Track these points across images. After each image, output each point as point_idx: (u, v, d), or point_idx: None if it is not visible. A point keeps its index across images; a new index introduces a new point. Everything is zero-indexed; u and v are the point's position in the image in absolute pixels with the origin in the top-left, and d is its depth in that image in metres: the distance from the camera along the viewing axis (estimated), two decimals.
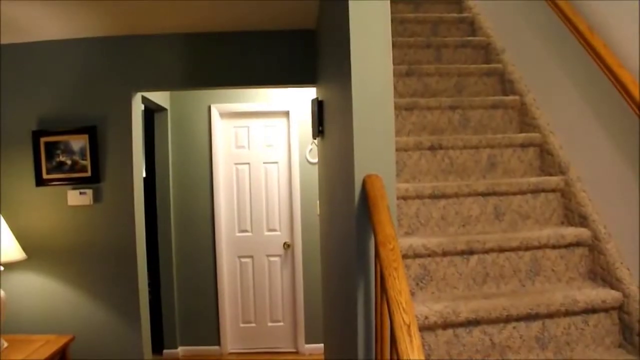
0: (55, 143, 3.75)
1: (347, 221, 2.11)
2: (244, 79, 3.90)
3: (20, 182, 3.76)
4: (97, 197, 3.78)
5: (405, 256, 2.33)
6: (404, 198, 2.57)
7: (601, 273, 2.40)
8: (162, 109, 5.01)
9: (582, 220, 2.54)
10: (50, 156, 3.75)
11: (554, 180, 2.69)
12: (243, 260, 5.21)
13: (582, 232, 2.46)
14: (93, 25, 3.55)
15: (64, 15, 3.30)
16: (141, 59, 3.84)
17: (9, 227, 3.57)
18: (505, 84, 3.37)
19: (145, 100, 4.33)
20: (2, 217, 3.42)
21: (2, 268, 3.33)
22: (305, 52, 3.91)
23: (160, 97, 4.75)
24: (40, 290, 3.77)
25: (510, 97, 3.16)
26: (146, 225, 4.10)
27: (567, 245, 2.46)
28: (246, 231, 5.21)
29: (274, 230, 5.22)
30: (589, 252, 2.48)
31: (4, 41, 3.72)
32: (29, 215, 3.77)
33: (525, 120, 3.12)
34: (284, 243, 5.19)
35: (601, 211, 2.47)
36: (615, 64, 2.28)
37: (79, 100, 3.80)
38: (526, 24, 3.21)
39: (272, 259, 5.21)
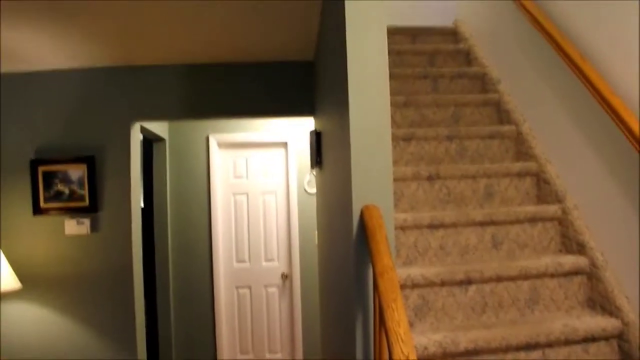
0: (54, 172, 3.75)
1: (345, 251, 2.11)
2: (243, 109, 3.93)
3: (18, 211, 3.76)
4: (94, 227, 3.78)
5: (403, 286, 2.33)
6: (402, 228, 2.57)
7: (600, 301, 2.39)
8: (160, 139, 5.03)
9: (580, 248, 2.55)
10: (48, 185, 3.75)
11: (551, 209, 2.70)
12: (241, 290, 5.18)
13: (580, 260, 2.46)
14: (92, 55, 3.59)
15: (63, 46, 3.33)
16: (140, 89, 3.87)
17: (6, 256, 3.57)
18: (502, 113, 3.40)
19: (143, 130, 4.35)
20: None
21: None
22: (303, 84, 3.95)
23: (158, 127, 4.78)
24: (36, 320, 3.73)
25: (507, 127, 3.19)
26: (144, 256, 4.09)
27: (566, 274, 2.46)
28: (244, 261, 5.19)
29: (272, 260, 5.20)
30: (588, 280, 2.47)
31: (3, 70, 3.75)
32: (26, 244, 3.75)
33: (521, 149, 3.14)
34: (282, 274, 5.16)
35: (599, 239, 2.47)
36: (608, 91, 2.30)
37: (77, 130, 3.82)
38: (521, 54, 3.25)
39: (270, 289, 5.18)
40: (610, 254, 2.39)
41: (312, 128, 4.67)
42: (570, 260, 2.46)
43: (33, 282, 3.72)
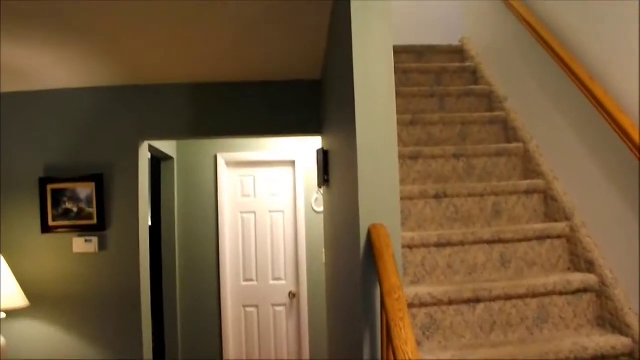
0: (62, 190, 3.78)
1: (352, 270, 2.11)
2: (250, 128, 3.95)
3: (26, 229, 3.78)
4: (102, 245, 3.79)
5: (411, 305, 2.31)
6: (410, 247, 2.56)
7: (610, 319, 2.37)
8: (168, 158, 5.05)
9: (589, 266, 2.53)
10: (56, 203, 3.77)
11: (559, 227, 2.69)
12: (248, 309, 5.16)
13: (589, 278, 2.44)
14: (101, 74, 3.63)
15: (72, 64, 3.37)
16: (148, 108, 3.91)
17: (14, 273, 3.58)
18: (509, 131, 3.40)
19: (152, 149, 4.38)
20: (5, 264, 3.43)
21: (3, 315, 3.31)
22: (310, 102, 3.97)
23: (167, 146, 4.81)
24: (43, 337, 3.73)
25: (514, 145, 3.19)
26: (151, 274, 4.09)
27: (575, 292, 2.44)
28: (251, 280, 5.18)
29: (280, 279, 5.18)
30: (597, 297, 2.45)
31: (13, 89, 3.80)
32: (34, 262, 3.77)
33: (529, 167, 3.14)
34: (290, 292, 5.15)
35: (607, 256, 2.46)
36: (616, 109, 2.30)
37: (86, 149, 3.85)
38: (527, 72, 3.26)
39: (277, 308, 5.17)
40: (620, 272, 2.38)
41: (320, 146, 4.68)
42: (579, 278, 2.44)
43: (40, 300, 3.72)
